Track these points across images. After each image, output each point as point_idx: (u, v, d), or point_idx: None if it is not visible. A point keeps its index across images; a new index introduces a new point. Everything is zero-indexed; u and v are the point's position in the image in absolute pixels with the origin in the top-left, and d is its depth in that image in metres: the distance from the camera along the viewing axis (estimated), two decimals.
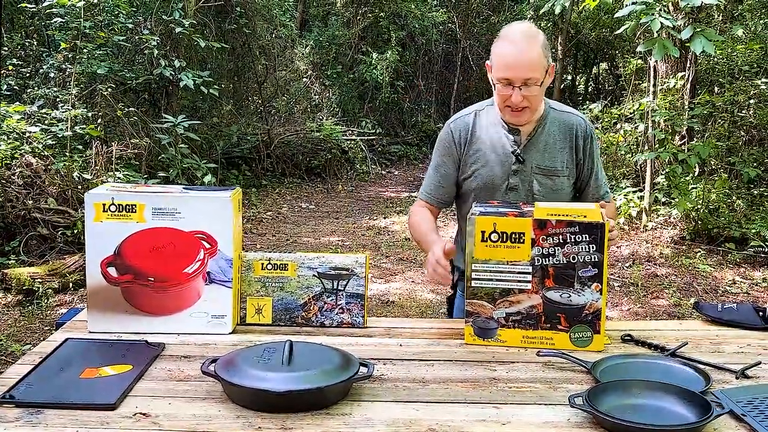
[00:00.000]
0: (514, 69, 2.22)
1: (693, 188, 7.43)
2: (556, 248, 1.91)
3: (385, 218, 8.83)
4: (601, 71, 18.43)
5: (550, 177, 2.35)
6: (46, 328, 4.70)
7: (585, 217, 1.92)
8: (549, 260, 1.91)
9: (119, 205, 1.97)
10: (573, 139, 2.37)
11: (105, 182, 5.91)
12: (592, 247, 1.89)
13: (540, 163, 2.35)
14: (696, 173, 7.74)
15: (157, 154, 7.86)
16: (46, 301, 5.20)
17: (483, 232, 1.93)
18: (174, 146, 7.79)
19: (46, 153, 6.59)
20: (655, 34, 5.55)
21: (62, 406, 1.56)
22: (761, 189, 7.98)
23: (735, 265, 6.52)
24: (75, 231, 6.08)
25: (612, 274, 6.31)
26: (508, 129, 2.36)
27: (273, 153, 10.85)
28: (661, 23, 5.11)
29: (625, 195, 8.04)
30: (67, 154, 6.64)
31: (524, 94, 2.23)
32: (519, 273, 1.93)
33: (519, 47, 2.22)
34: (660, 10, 5.28)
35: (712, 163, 7.93)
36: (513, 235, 1.92)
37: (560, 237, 1.90)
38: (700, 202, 7.17)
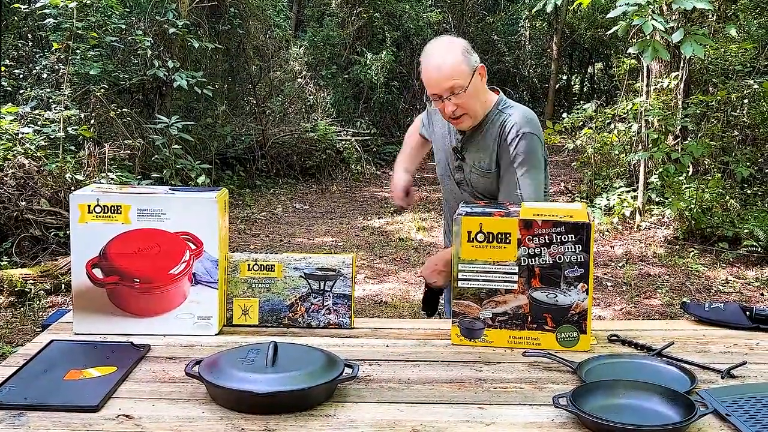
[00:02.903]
0: (436, 82, 2.30)
1: (686, 188, 7.44)
2: (542, 248, 1.91)
3: (379, 218, 8.82)
4: (596, 71, 18.46)
5: (483, 177, 2.40)
6: (38, 329, 4.69)
7: (571, 217, 1.92)
8: (535, 260, 1.91)
9: (104, 206, 1.96)
10: (499, 140, 2.35)
11: (97, 183, 5.90)
12: (578, 247, 1.89)
13: (475, 162, 2.41)
14: (689, 173, 7.75)
15: (151, 154, 7.84)
16: (38, 302, 5.18)
17: (469, 233, 1.93)
18: (168, 147, 7.77)
19: (38, 154, 6.58)
20: (647, 36, 5.56)
21: (45, 408, 1.55)
22: (754, 188, 8.00)
23: (728, 265, 6.53)
24: (67, 232, 6.07)
25: (605, 274, 6.32)
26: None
27: (267, 153, 10.83)
28: (653, 26, 5.11)
29: (618, 195, 8.05)
30: (60, 155, 6.63)
31: (455, 102, 2.29)
32: (505, 273, 1.93)
33: (435, 59, 2.30)
34: (652, 11, 5.28)
35: (706, 162, 7.95)
36: (499, 236, 1.92)
37: (546, 237, 1.90)
38: (694, 201, 7.17)
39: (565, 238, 1.89)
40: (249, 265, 2.10)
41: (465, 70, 2.27)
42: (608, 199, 8.05)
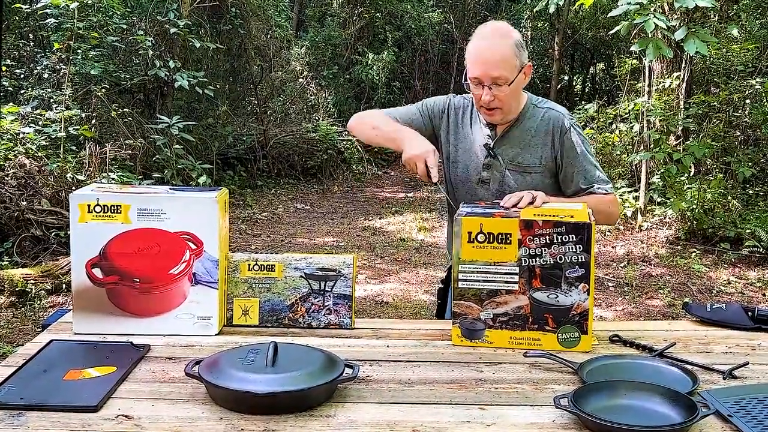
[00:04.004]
0: (482, 67, 2.23)
1: (688, 188, 7.43)
2: (543, 249, 1.90)
3: (380, 219, 8.82)
4: (597, 71, 18.44)
5: (523, 173, 2.34)
6: (39, 329, 4.69)
7: (572, 217, 1.92)
8: (536, 261, 1.90)
9: (104, 205, 1.96)
10: (550, 135, 2.33)
11: (97, 183, 5.90)
12: (579, 248, 1.89)
13: (513, 158, 2.35)
14: (691, 173, 7.74)
15: (152, 155, 7.84)
16: (39, 302, 5.18)
17: (470, 233, 1.92)
18: (169, 147, 7.77)
19: (39, 154, 6.58)
20: (650, 35, 5.55)
21: (44, 408, 1.54)
22: (756, 189, 7.98)
23: (730, 265, 6.52)
24: (68, 232, 6.05)
25: (606, 275, 6.31)
26: (486, 123, 2.39)
27: (269, 154, 10.84)
28: (655, 24, 5.10)
29: (620, 195, 8.04)
30: (61, 155, 6.63)
31: (494, 93, 2.23)
32: (506, 274, 1.92)
33: (487, 45, 2.25)
34: (654, 10, 5.28)
35: (708, 162, 7.93)
36: (500, 236, 1.91)
37: (547, 237, 1.89)
38: (696, 202, 7.16)
39: (565, 238, 1.89)
40: (249, 265, 2.09)
41: (514, 64, 2.24)
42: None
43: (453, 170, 2.45)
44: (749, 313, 2.13)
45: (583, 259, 1.89)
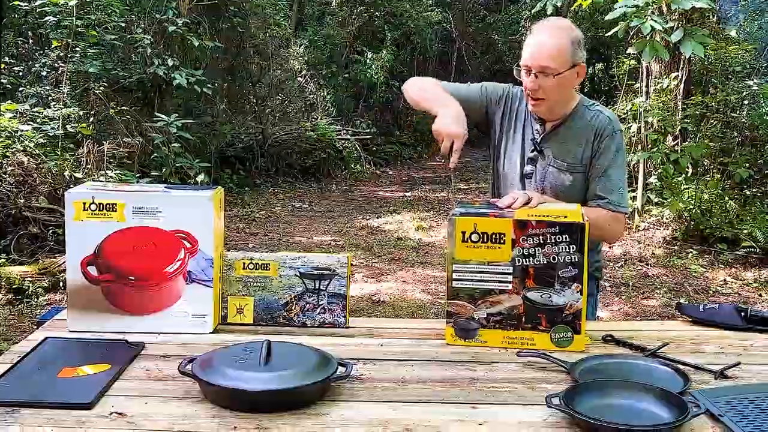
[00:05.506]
0: (532, 55, 2.25)
1: (685, 189, 7.44)
2: (537, 248, 1.91)
3: (378, 218, 8.83)
4: (596, 71, 18.46)
5: (564, 171, 2.35)
6: (35, 327, 4.69)
7: (565, 217, 1.92)
8: (529, 260, 1.91)
9: (100, 203, 1.96)
10: (593, 137, 2.33)
11: (95, 181, 5.90)
12: (573, 248, 1.89)
13: (557, 156, 2.35)
14: (688, 174, 7.75)
15: (150, 153, 7.85)
16: (36, 300, 5.19)
17: (463, 233, 1.93)
18: (167, 145, 7.77)
19: (37, 152, 6.57)
20: (646, 37, 5.56)
21: (38, 405, 1.55)
22: (753, 190, 7.99)
23: (726, 266, 6.53)
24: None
25: (603, 275, 6.31)
26: (536, 118, 2.40)
27: (267, 152, 10.84)
28: (652, 26, 5.11)
29: None
30: (59, 152, 6.63)
31: (540, 83, 2.25)
32: (499, 273, 1.93)
33: (542, 35, 2.27)
34: (652, 12, 5.29)
35: (705, 163, 7.94)
36: (493, 236, 1.92)
37: (540, 237, 1.90)
38: (693, 202, 7.17)
39: (559, 238, 1.89)
40: (244, 263, 2.10)
41: (566, 59, 2.24)
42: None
43: (499, 160, 2.48)
44: (742, 314, 2.13)
45: (576, 259, 1.90)
